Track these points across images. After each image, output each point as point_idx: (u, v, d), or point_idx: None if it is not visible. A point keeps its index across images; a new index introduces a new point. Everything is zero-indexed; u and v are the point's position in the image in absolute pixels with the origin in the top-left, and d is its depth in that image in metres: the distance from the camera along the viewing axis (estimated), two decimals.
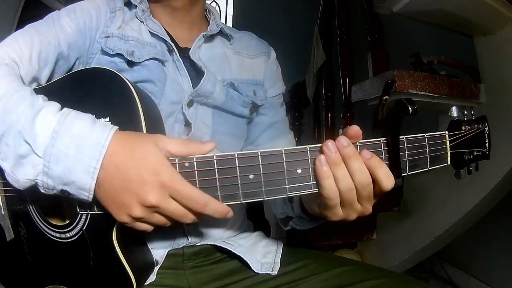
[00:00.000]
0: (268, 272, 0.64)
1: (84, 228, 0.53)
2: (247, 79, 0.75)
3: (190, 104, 0.66)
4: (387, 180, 0.48)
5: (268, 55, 0.81)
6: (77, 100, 0.54)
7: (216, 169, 0.46)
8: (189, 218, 0.47)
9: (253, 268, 0.65)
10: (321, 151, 0.48)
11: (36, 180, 0.46)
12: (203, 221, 0.67)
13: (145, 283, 0.60)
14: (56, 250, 0.57)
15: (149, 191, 0.44)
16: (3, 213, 0.61)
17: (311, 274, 0.63)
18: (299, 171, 0.47)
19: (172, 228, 0.63)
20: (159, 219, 0.47)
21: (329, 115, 2.22)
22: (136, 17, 0.69)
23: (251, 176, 0.47)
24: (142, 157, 0.44)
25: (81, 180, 0.45)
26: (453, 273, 1.77)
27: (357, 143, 0.49)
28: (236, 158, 0.46)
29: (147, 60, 0.64)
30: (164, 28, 0.69)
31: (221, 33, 0.76)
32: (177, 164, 0.47)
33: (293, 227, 0.70)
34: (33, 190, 0.48)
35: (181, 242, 0.65)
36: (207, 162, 0.47)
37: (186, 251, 0.66)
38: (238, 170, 0.47)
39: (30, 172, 0.46)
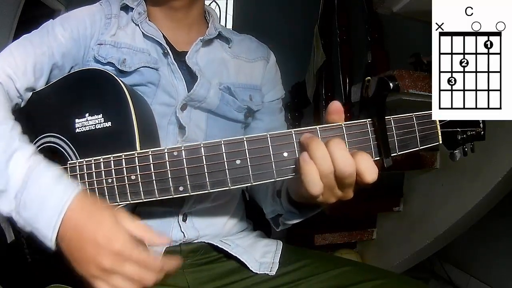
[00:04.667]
0: (267, 272, 0.64)
1: None
2: (244, 84, 0.74)
3: (183, 107, 0.67)
4: (369, 173, 0.46)
5: (267, 59, 0.80)
6: (74, 98, 0.57)
7: (203, 156, 0.48)
8: (147, 280, 0.46)
9: (251, 268, 0.65)
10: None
11: (11, 215, 0.49)
12: (199, 217, 0.67)
13: None
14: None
15: (103, 256, 0.45)
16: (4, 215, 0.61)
17: (311, 274, 0.64)
18: (285, 154, 0.48)
19: (168, 225, 0.64)
20: (119, 282, 0.46)
21: None
22: (132, 21, 0.69)
23: (238, 162, 0.48)
24: (98, 222, 0.46)
25: (43, 231, 0.47)
26: (453, 273, 1.77)
27: (343, 124, 0.49)
28: (223, 145, 0.48)
29: (138, 68, 0.65)
30: (161, 32, 0.69)
31: (220, 36, 0.75)
32: (166, 153, 0.48)
33: (284, 224, 0.66)
34: None
35: (178, 239, 0.65)
36: (194, 150, 0.48)
37: (183, 248, 0.66)
38: (224, 156, 0.48)
39: (7, 207, 0.49)
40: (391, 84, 0.46)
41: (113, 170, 0.51)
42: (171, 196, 0.50)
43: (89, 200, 0.49)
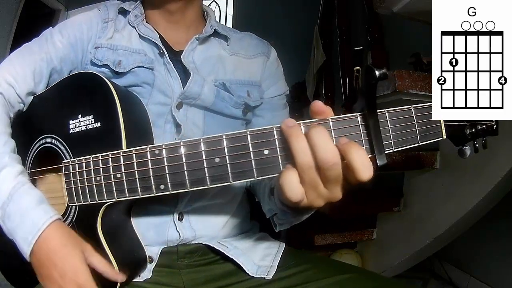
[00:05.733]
0: (263, 276, 0.63)
1: (74, 220, 0.56)
2: (242, 80, 0.74)
3: (179, 106, 0.67)
4: (363, 169, 0.41)
5: (268, 55, 0.79)
6: (68, 100, 0.60)
7: (183, 155, 0.48)
8: None
9: (247, 271, 0.64)
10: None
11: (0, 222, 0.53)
12: (196, 217, 0.66)
13: (141, 280, 0.60)
14: None
15: (67, 284, 0.50)
16: None
17: (308, 280, 0.62)
18: (266, 152, 0.46)
19: (165, 224, 0.64)
20: None
21: None
22: (129, 23, 0.70)
23: (216, 160, 0.47)
24: (69, 253, 0.51)
25: (21, 244, 0.52)
26: (453, 273, 1.77)
27: (330, 119, 0.45)
28: (202, 143, 0.47)
29: (133, 69, 0.66)
30: (158, 32, 0.70)
31: (217, 34, 0.75)
32: (148, 152, 0.49)
33: (280, 224, 0.64)
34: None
35: (174, 239, 0.65)
36: (174, 148, 0.48)
37: (180, 249, 0.66)
38: (203, 154, 0.47)
39: None
40: (377, 72, 0.41)
41: (101, 168, 0.53)
42: (153, 195, 0.51)
43: (65, 229, 0.53)
